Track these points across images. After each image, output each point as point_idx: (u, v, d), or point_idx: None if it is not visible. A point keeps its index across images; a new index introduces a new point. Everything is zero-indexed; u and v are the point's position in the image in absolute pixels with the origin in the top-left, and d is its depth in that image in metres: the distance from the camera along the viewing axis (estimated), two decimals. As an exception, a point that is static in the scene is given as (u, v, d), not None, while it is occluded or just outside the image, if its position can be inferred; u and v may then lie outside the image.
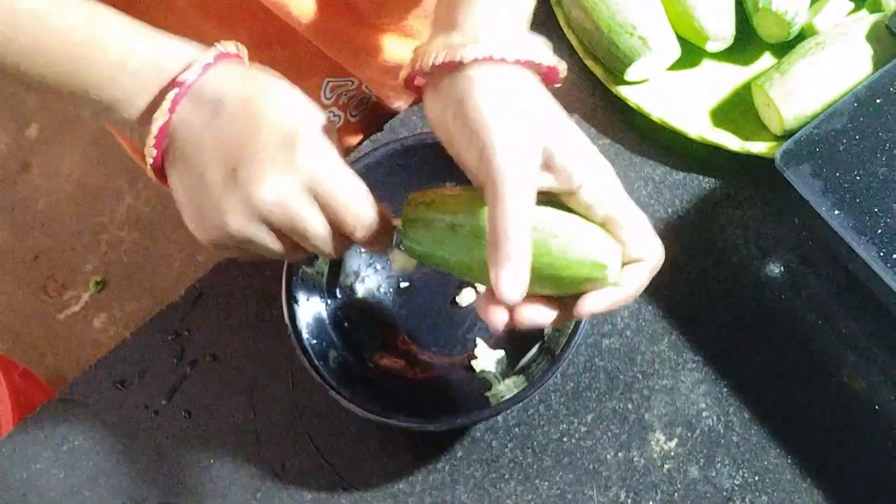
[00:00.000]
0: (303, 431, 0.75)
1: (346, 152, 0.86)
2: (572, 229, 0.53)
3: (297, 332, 0.69)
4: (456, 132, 0.53)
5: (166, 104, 0.52)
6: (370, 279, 0.76)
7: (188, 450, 0.75)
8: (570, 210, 0.54)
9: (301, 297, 0.71)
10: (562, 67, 0.55)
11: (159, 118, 0.53)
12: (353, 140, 0.89)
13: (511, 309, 0.53)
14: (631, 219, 0.53)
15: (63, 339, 1.77)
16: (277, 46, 0.76)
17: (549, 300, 0.55)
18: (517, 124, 0.51)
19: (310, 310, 0.71)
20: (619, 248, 0.54)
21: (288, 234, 0.55)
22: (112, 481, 0.75)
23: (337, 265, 0.75)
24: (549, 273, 0.53)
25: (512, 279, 0.50)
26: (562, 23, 0.82)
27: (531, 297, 0.52)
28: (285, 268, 0.70)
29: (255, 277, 0.79)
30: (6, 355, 1.51)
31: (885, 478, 0.70)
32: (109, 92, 0.53)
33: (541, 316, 0.54)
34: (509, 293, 0.50)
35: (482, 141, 0.51)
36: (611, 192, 0.53)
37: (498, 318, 0.52)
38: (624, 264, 0.54)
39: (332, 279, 0.74)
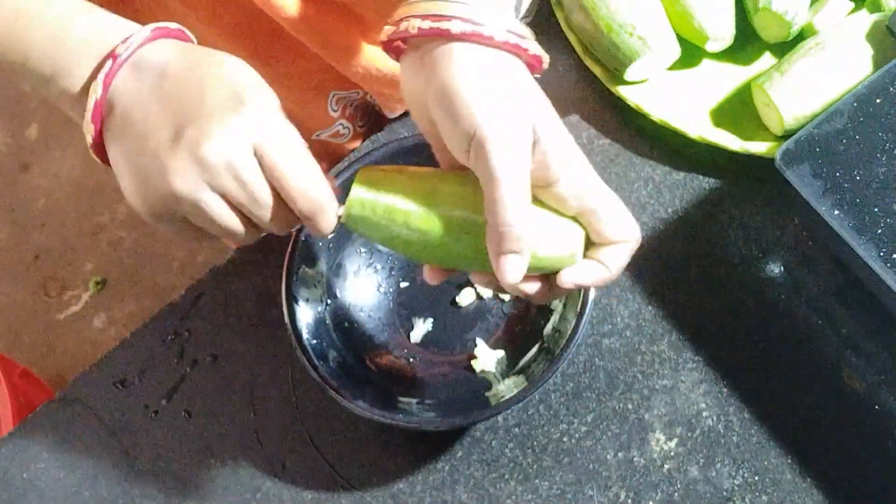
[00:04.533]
0: (303, 431, 0.75)
1: (346, 154, 0.86)
2: (540, 227, 0.54)
3: (297, 332, 0.69)
4: (438, 111, 0.52)
5: (101, 75, 0.51)
6: (370, 279, 0.76)
7: (188, 450, 0.75)
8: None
9: (301, 297, 0.71)
10: (545, 58, 0.55)
11: (96, 89, 0.51)
12: (355, 144, 0.89)
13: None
14: (606, 206, 0.53)
15: (63, 339, 1.77)
16: (283, 60, 0.76)
17: (534, 277, 0.56)
18: (509, 108, 0.50)
19: (310, 310, 0.71)
20: (582, 232, 0.55)
21: (234, 200, 0.52)
22: (112, 481, 0.75)
23: (337, 265, 0.75)
24: None
25: (515, 268, 0.52)
26: (562, 23, 0.82)
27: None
28: (285, 268, 0.70)
29: (255, 277, 0.79)
30: (6, 355, 1.51)
31: (885, 478, 0.70)
32: (49, 62, 0.52)
33: (528, 288, 0.56)
34: (512, 279, 0.52)
35: (473, 125, 0.50)
36: (586, 184, 0.53)
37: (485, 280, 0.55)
38: (602, 245, 0.55)
39: (332, 279, 0.74)
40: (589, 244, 0.55)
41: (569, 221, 0.54)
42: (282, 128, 0.53)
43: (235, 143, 0.50)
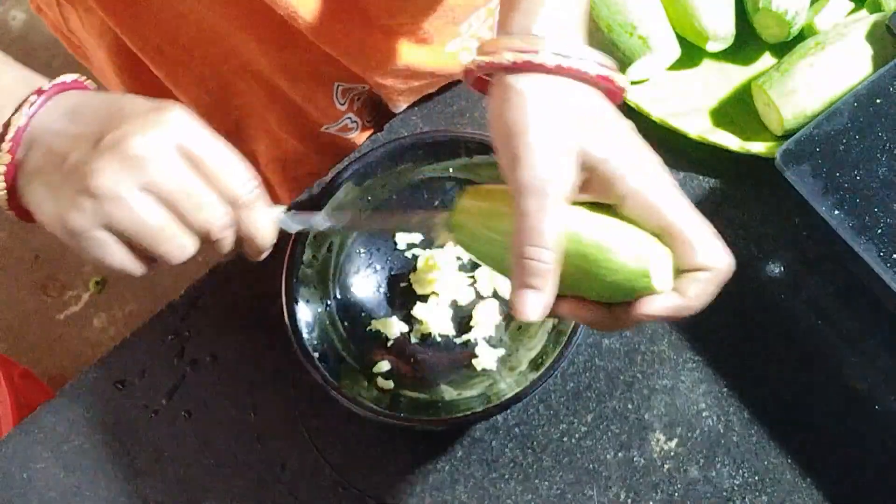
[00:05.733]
0: (303, 431, 0.75)
1: (349, 151, 0.86)
2: (613, 236, 0.50)
3: (297, 332, 0.69)
4: (496, 136, 0.52)
5: (26, 108, 0.50)
6: (370, 279, 0.76)
7: (188, 450, 0.75)
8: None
9: (301, 297, 0.71)
10: (620, 80, 0.54)
11: (18, 119, 0.50)
12: (362, 137, 0.89)
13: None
14: (687, 227, 0.50)
15: (63, 339, 1.77)
16: (289, 50, 0.76)
17: (593, 303, 0.52)
18: (551, 130, 0.50)
19: (310, 310, 0.71)
20: (668, 254, 0.50)
21: (165, 195, 0.49)
22: (112, 481, 0.75)
23: (337, 266, 0.75)
24: (591, 283, 0.51)
25: (530, 305, 0.49)
26: (562, 23, 0.82)
27: (576, 298, 0.51)
28: (285, 268, 0.70)
29: (255, 277, 0.79)
30: (6, 355, 1.51)
31: (885, 478, 0.70)
32: None
33: (582, 314, 0.52)
34: (529, 316, 0.49)
35: (513, 147, 0.49)
36: (662, 202, 0.50)
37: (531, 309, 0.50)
38: (685, 271, 0.50)
39: (332, 279, 0.74)
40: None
41: (651, 240, 0.50)
42: (204, 128, 0.51)
43: (160, 138, 0.48)
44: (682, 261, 0.50)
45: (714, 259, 0.50)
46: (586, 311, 0.52)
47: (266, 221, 0.53)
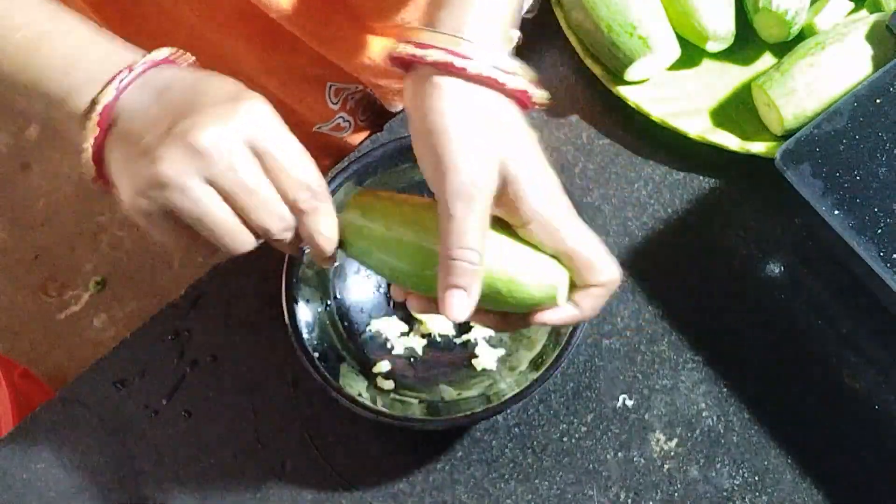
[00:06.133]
0: (303, 431, 0.75)
1: (350, 151, 0.86)
2: (519, 261, 0.53)
3: (297, 332, 0.69)
4: (416, 133, 0.53)
5: (115, 82, 0.51)
6: (370, 279, 0.76)
7: (188, 450, 0.75)
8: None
9: (301, 297, 0.71)
10: (534, 94, 0.55)
11: (108, 94, 0.51)
12: (359, 137, 0.89)
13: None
14: (583, 251, 0.53)
15: (63, 339, 1.77)
16: (280, 52, 0.76)
17: (493, 312, 0.57)
18: (475, 136, 0.51)
19: (310, 310, 0.71)
20: (566, 275, 0.54)
21: (227, 190, 0.49)
22: (112, 481, 0.75)
23: (337, 266, 0.75)
24: (496, 302, 0.55)
25: (460, 305, 0.52)
26: (562, 23, 0.82)
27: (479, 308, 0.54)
28: (285, 268, 0.70)
29: (255, 277, 0.79)
30: (6, 355, 1.50)
31: (885, 478, 0.70)
32: (63, 83, 0.52)
33: (482, 320, 0.56)
34: (457, 316, 0.52)
35: (438, 149, 0.50)
36: (564, 228, 0.53)
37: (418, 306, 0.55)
38: (580, 288, 0.55)
39: (332, 279, 0.74)
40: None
41: (553, 263, 0.54)
42: (278, 124, 0.52)
43: (229, 132, 0.49)
44: (581, 280, 0.54)
45: (608, 276, 0.54)
46: (486, 318, 0.57)
47: (328, 227, 0.54)
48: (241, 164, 0.49)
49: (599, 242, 0.54)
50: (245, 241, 0.51)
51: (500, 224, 0.55)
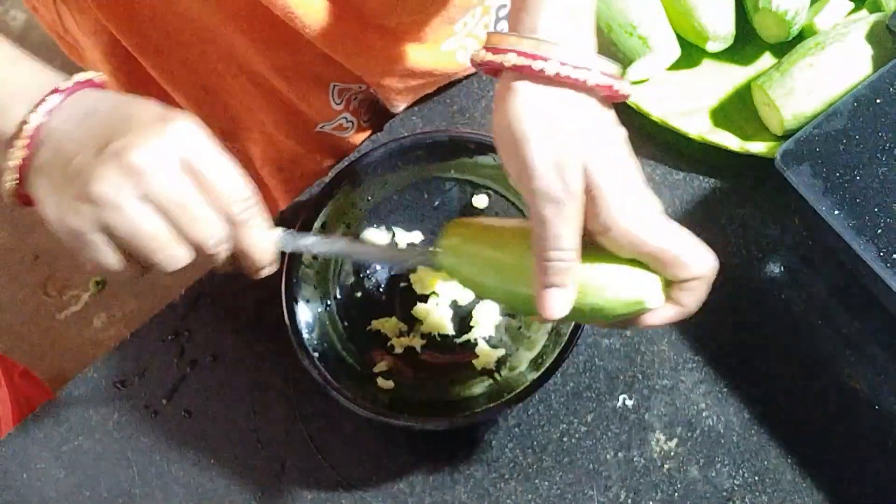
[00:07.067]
0: (303, 431, 0.75)
1: (349, 150, 0.86)
2: (600, 281, 0.54)
3: (297, 332, 0.69)
4: (501, 141, 0.53)
5: (43, 106, 0.51)
6: (370, 279, 0.76)
7: (188, 450, 0.75)
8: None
9: (301, 297, 0.71)
10: (624, 89, 0.55)
11: (37, 116, 0.51)
12: (360, 137, 0.89)
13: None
14: (670, 249, 0.53)
15: (63, 339, 1.77)
16: (285, 51, 0.76)
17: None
18: (559, 142, 0.51)
19: (310, 310, 0.71)
20: (656, 278, 0.54)
21: (163, 205, 0.50)
22: (112, 481, 0.75)
23: (337, 266, 0.75)
24: (589, 315, 0.55)
25: (558, 302, 0.52)
26: (562, 23, 0.82)
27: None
28: (285, 268, 0.70)
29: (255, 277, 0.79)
30: (6, 355, 1.50)
31: (885, 478, 0.70)
32: None
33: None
34: (557, 313, 0.53)
35: (522, 154, 0.51)
36: (641, 233, 0.52)
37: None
38: (678, 282, 0.54)
39: (332, 279, 0.74)
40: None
41: (638, 271, 0.54)
42: (208, 140, 0.52)
43: (162, 150, 0.49)
44: (675, 278, 0.54)
45: (703, 268, 0.54)
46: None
47: (261, 241, 0.54)
48: (175, 180, 0.50)
49: (687, 234, 0.54)
50: (178, 256, 0.51)
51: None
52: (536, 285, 0.53)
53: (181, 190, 0.50)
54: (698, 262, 0.53)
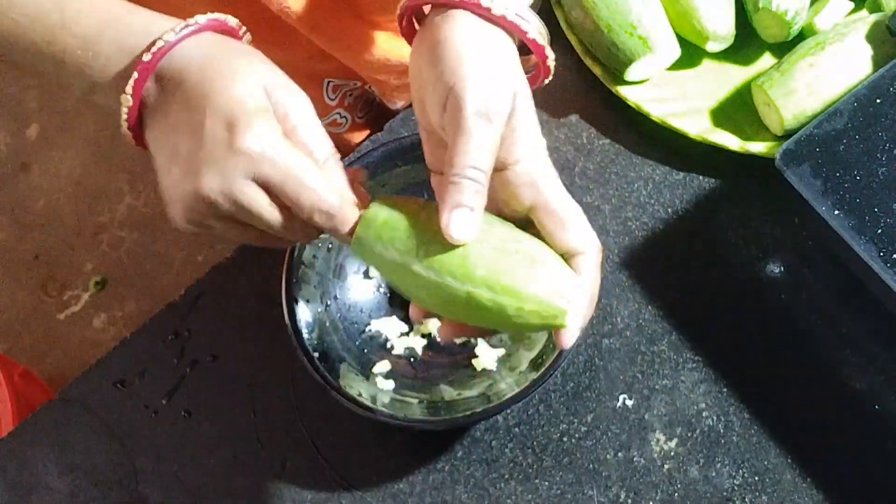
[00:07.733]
0: (303, 431, 0.75)
1: (349, 150, 0.86)
2: (513, 282, 0.49)
3: (297, 332, 0.69)
4: (426, 67, 0.52)
5: (154, 48, 0.52)
6: (370, 279, 0.76)
7: (188, 450, 0.75)
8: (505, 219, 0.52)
9: (301, 297, 0.71)
10: (550, 53, 0.55)
11: (146, 57, 0.51)
12: (359, 137, 0.89)
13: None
14: (561, 211, 0.51)
15: (63, 339, 1.77)
16: (274, 46, 0.76)
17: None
18: (494, 70, 0.51)
19: (310, 310, 0.71)
20: (574, 279, 0.51)
21: (245, 222, 0.52)
22: (112, 481, 0.75)
23: (337, 266, 0.75)
24: (494, 312, 0.50)
25: (464, 225, 0.49)
26: (562, 23, 0.82)
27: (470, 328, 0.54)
28: (285, 268, 0.70)
29: (255, 277, 0.79)
30: (6, 355, 1.51)
31: (885, 478, 0.70)
32: (96, 47, 0.53)
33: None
34: (463, 235, 0.49)
35: (454, 76, 0.50)
36: (546, 178, 0.52)
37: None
38: (564, 256, 0.52)
39: (332, 279, 0.74)
40: None
41: (568, 270, 0.51)
42: (280, 149, 0.51)
43: (227, 174, 0.50)
44: (560, 243, 0.51)
45: (589, 241, 0.52)
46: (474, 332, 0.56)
47: (348, 236, 0.53)
48: (246, 204, 0.50)
49: (578, 208, 0.52)
50: (274, 243, 0.55)
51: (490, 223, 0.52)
52: (444, 205, 0.49)
53: (257, 213, 0.51)
54: (585, 232, 0.52)
